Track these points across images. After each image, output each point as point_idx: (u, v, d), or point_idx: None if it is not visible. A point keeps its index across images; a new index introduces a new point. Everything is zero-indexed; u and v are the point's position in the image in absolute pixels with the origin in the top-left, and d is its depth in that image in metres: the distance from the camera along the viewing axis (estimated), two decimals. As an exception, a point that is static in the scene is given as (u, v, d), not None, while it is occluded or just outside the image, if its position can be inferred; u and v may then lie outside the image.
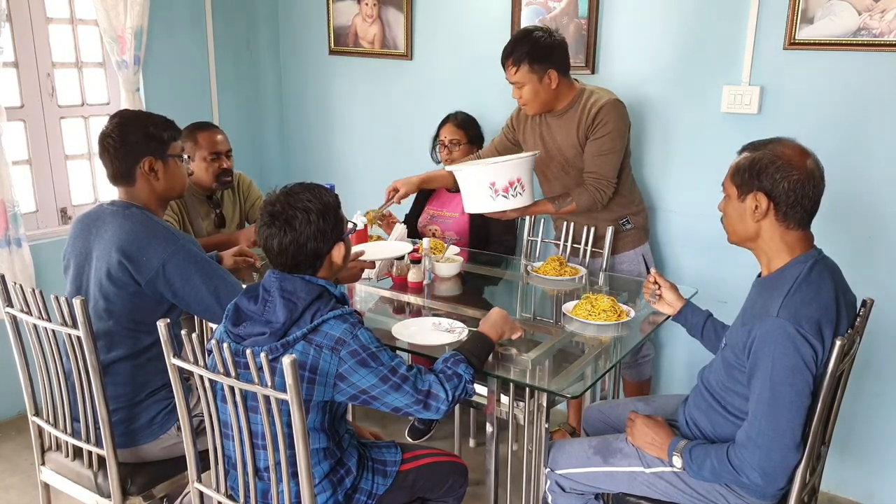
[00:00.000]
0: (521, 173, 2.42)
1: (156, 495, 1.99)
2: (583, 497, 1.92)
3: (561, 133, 2.58)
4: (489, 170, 2.42)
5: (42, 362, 1.96)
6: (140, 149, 1.94)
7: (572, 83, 2.56)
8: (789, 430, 1.55)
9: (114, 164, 1.95)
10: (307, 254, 1.62)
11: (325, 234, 1.63)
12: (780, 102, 2.56)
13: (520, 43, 2.47)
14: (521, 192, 2.43)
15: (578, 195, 2.53)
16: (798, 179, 1.57)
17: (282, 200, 1.62)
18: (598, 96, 2.51)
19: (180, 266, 1.89)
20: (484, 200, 2.45)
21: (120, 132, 1.93)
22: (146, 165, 1.95)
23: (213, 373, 1.56)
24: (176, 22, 3.51)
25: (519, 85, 2.51)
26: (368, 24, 3.55)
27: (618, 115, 2.48)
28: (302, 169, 4.03)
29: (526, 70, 2.46)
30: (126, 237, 1.88)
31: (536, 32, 2.48)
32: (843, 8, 2.36)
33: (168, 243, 1.89)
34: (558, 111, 2.56)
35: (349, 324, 1.60)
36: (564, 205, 2.55)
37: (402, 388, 1.62)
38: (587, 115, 2.48)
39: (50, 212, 3.24)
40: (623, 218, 2.66)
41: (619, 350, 2.07)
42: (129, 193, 1.99)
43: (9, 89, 3.03)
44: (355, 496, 1.73)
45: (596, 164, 2.50)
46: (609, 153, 2.49)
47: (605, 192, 2.52)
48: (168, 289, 1.89)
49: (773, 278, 1.65)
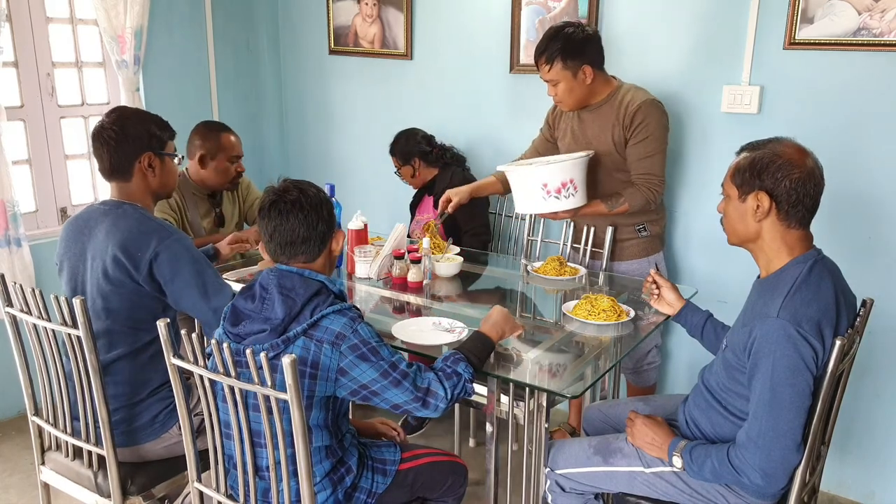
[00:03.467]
0: (574, 174, 2.39)
1: (155, 495, 1.99)
2: (582, 497, 1.92)
3: (594, 127, 2.54)
4: (542, 171, 2.38)
5: (42, 362, 1.96)
6: (140, 144, 1.95)
7: (608, 78, 2.53)
8: (790, 430, 1.55)
9: (112, 157, 1.94)
10: (316, 236, 1.65)
11: (330, 219, 1.68)
12: (780, 102, 2.56)
13: (552, 40, 2.43)
14: (573, 192, 2.40)
15: (631, 195, 2.49)
16: (799, 178, 1.57)
17: (290, 187, 1.66)
18: (634, 94, 2.48)
19: (171, 259, 1.88)
20: (536, 201, 2.42)
21: (120, 126, 1.93)
22: (145, 161, 1.96)
23: (213, 373, 1.56)
24: (176, 22, 3.51)
25: (553, 82, 2.47)
26: (368, 24, 3.55)
27: (658, 113, 2.46)
28: (302, 169, 4.03)
29: (560, 67, 2.43)
30: (121, 234, 1.88)
31: (568, 28, 2.44)
32: (843, 8, 2.36)
33: (161, 237, 1.89)
34: (592, 106, 2.53)
35: (349, 318, 1.60)
36: (617, 205, 2.50)
37: (402, 385, 1.62)
38: (625, 113, 2.45)
39: (50, 212, 3.24)
40: (641, 224, 2.62)
41: (619, 350, 2.07)
42: (122, 189, 1.98)
43: (9, 89, 3.03)
44: (355, 495, 1.73)
45: (644, 167, 2.47)
46: (655, 153, 2.46)
47: (657, 191, 2.49)
48: (161, 279, 1.89)
49: (772, 279, 1.65)
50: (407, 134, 3.14)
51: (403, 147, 3.12)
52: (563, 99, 2.51)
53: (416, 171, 3.12)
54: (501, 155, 3.25)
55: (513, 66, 3.13)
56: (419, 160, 3.11)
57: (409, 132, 3.14)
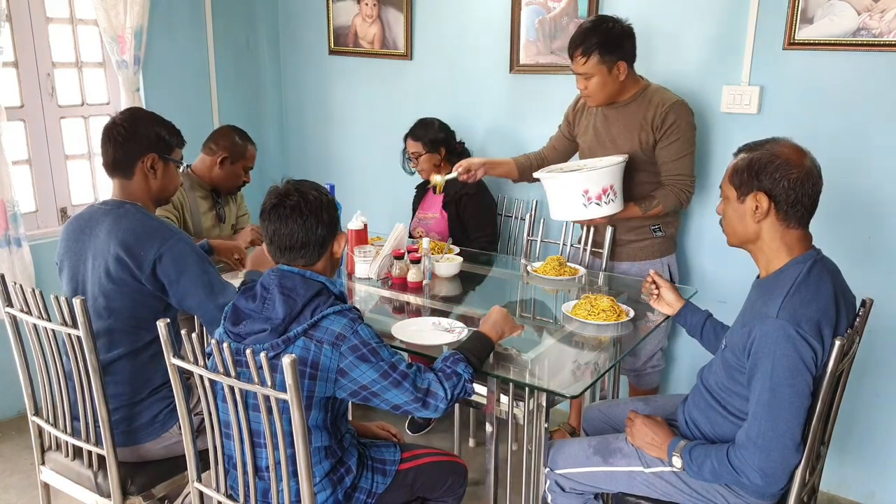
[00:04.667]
0: (613, 180, 2.38)
1: (155, 495, 1.99)
2: (582, 497, 1.92)
3: (619, 125, 2.52)
4: (583, 177, 2.36)
5: (42, 362, 1.96)
6: (146, 144, 1.97)
7: (637, 76, 2.52)
8: (789, 430, 1.55)
9: (116, 152, 1.95)
10: (315, 241, 1.65)
11: (331, 223, 1.68)
12: (779, 102, 2.56)
13: (590, 32, 2.39)
14: (613, 199, 2.38)
15: (664, 197, 2.47)
16: (797, 177, 1.57)
17: (291, 189, 1.66)
18: (664, 95, 2.46)
19: (176, 259, 1.89)
20: (576, 208, 2.40)
21: (131, 123, 1.96)
22: (148, 162, 1.97)
23: (213, 372, 1.56)
24: (176, 22, 3.51)
25: (587, 76, 2.43)
26: (368, 24, 3.55)
27: (688, 114, 2.45)
28: (302, 169, 4.03)
29: (596, 61, 2.39)
30: (123, 234, 1.88)
31: (608, 22, 2.41)
32: (843, 8, 2.36)
33: (164, 236, 1.90)
34: (619, 103, 2.51)
35: (349, 319, 1.60)
36: (651, 208, 2.48)
37: (402, 385, 1.62)
38: (654, 114, 2.43)
39: (50, 212, 3.24)
40: (656, 224, 2.59)
41: (619, 350, 2.07)
42: (124, 187, 1.99)
43: (9, 89, 3.03)
44: (355, 495, 1.74)
45: (676, 168, 2.46)
46: (687, 154, 2.46)
47: (689, 192, 2.48)
48: (165, 279, 1.90)
49: (772, 279, 1.65)
50: (437, 122, 3.05)
51: (435, 134, 3.02)
52: (593, 94, 2.47)
53: (441, 162, 3.02)
54: (501, 154, 3.25)
55: (513, 66, 3.13)
56: (446, 151, 3.04)
57: (437, 120, 3.05)
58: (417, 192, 3.25)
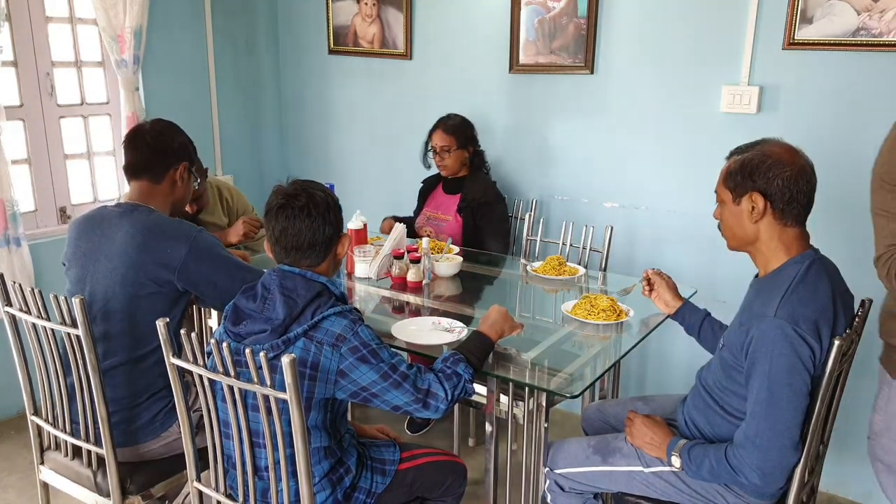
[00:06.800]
0: None
1: (154, 495, 1.99)
2: (582, 496, 1.92)
3: None
4: None
5: (41, 361, 1.96)
6: (183, 153, 2.04)
7: None
8: (787, 430, 1.55)
9: (151, 156, 1.99)
10: (323, 242, 1.65)
11: (337, 224, 1.68)
12: (779, 102, 2.56)
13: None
14: None
15: None
16: (791, 175, 1.58)
17: (299, 189, 1.66)
18: None
19: (205, 253, 1.92)
20: None
21: (169, 133, 2.03)
22: (182, 169, 2.03)
23: (213, 372, 1.56)
24: (175, 21, 3.51)
25: None
26: (368, 24, 3.55)
27: None
28: (301, 168, 4.03)
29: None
30: (144, 237, 1.89)
31: None
32: (843, 8, 2.36)
33: (188, 235, 1.92)
34: None
35: (349, 320, 1.60)
36: None
37: (402, 387, 1.62)
38: None
39: (49, 211, 3.24)
40: None
41: (619, 349, 2.07)
42: (146, 189, 2.00)
43: (8, 88, 3.03)
44: (354, 495, 1.73)
45: None
46: None
47: None
48: (197, 275, 1.91)
49: (770, 278, 1.65)
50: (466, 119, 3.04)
51: (471, 132, 3.03)
52: None
53: (468, 160, 3.02)
54: (501, 154, 3.26)
55: (512, 66, 3.13)
56: (474, 151, 3.04)
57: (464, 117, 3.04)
58: (425, 185, 3.20)
